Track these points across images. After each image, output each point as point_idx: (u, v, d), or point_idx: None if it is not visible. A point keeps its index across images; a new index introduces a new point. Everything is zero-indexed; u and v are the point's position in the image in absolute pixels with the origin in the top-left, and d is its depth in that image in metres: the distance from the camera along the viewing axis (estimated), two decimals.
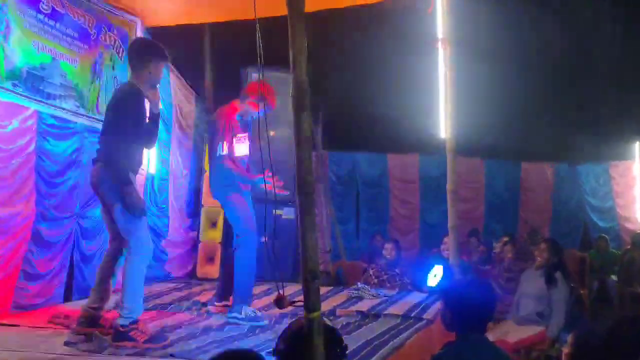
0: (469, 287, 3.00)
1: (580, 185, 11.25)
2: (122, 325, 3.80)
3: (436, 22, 5.84)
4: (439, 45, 5.90)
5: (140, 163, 4.24)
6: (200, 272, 6.88)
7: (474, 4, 6.83)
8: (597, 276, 9.40)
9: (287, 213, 6.62)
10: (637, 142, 11.35)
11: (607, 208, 11.35)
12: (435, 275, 6.26)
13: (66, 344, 3.74)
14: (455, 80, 5.89)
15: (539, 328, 5.63)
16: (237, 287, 4.65)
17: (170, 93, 6.78)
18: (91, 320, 3.91)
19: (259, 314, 4.58)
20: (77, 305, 5.01)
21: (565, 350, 3.29)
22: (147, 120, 4.10)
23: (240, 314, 4.50)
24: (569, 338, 3.29)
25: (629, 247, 10.42)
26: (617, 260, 9.86)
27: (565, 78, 10.98)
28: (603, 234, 10.42)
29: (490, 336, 3.06)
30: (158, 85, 4.25)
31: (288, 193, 4.99)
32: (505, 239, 8.10)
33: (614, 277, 9.51)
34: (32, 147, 4.99)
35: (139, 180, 5.04)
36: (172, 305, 5.11)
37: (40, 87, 5.03)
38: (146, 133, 4.11)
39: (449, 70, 5.88)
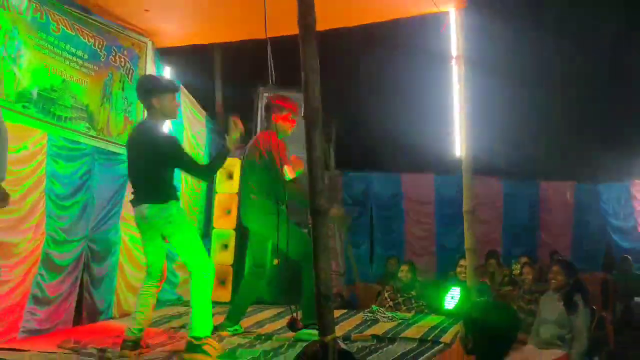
0: (489, 309, 2.98)
1: (601, 204, 11.18)
2: (195, 338, 3.97)
3: (450, 39, 5.87)
4: (453, 62, 5.92)
5: None
6: (214, 295, 6.86)
7: (489, 20, 6.86)
8: (621, 298, 9.31)
9: None
10: None
11: (629, 228, 11.26)
12: (452, 298, 6.22)
13: None
14: (471, 98, 5.90)
15: (561, 352, 5.58)
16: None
17: (181, 115, 6.82)
18: (136, 344, 4.12)
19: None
20: (86, 329, 5.07)
21: None
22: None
23: None
24: None
25: None
26: None
27: (584, 95, 10.97)
28: (626, 255, 10.34)
29: None
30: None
31: None
32: (524, 259, 8.05)
33: (638, 299, 9.42)
34: (42, 170, 5.02)
35: None
36: (183, 329, 5.12)
37: (51, 109, 5.08)
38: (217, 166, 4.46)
39: (463, 88, 5.90)
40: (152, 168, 4.12)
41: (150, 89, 4.18)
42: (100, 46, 5.65)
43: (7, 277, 4.58)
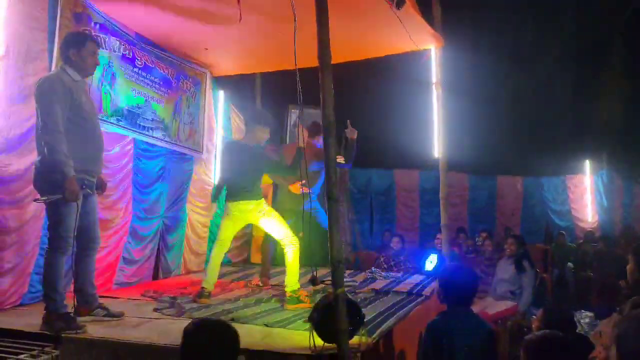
0: (457, 271, 2.98)
1: (543, 193, 11.10)
2: (293, 292, 4.12)
3: (431, 69, 5.84)
4: (433, 87, 5.89)
5: None
6: (253, 258, 6.92)
7: (460, 55, 6.80)
8: (557, 264, 9.23)
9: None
10: (587, 160, 11.20)
11: (564, 211, 11.18)
12: (431, 262, 6.21)
13: (155, 310, 3.81)
14: (446, 113, 5.87)
15: (512, 303, 5.57)
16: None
17: (231, 127, 6.85)
18: (210, 293, 4.25)
19: None
20: (162, 283, 5.13)
21: (535, 321, 3.25)
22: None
23: None
24: (539, 312, 3.25)
25: (581, 241, 10.23)
26: (573, 252, 9.68)
27: (531, 110, 10.89)
28: (562, 231, 10.26)
29: (474, 309, 3.03)
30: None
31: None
32: (484, 234, 8.00)
33: (570, 265, 9.33)
34: (129, 166, 5.06)
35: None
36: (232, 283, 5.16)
37: (137, 122, 5.11)
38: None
39: (440, 105, 5.87)
40: (257, 175, 4.34)
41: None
42: (172, 75, 5.67)
43: (105, 244, 4.64)
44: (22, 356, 2.79)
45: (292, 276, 4.17)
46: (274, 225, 4.32)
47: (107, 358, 2.93)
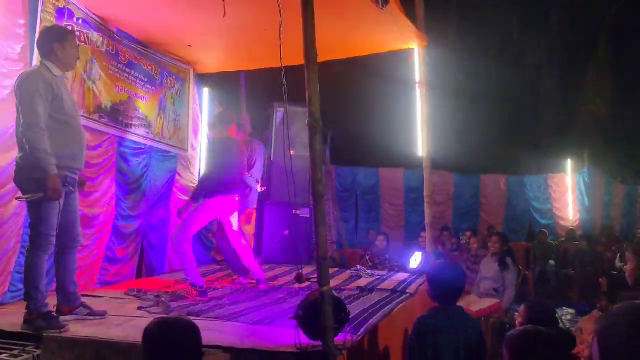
0: (445, 268, 3.01)
1: (526, 192, 11.22)
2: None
3: (414, 69, 5.88)
4: (417, 86, 5.93)
5: None
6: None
7: (444, 55, 6.87)
8: (538, 262, 9.36)
9: (303, 212, 6.62)
10: (568, 159, 11.35)
11: (546, 209, 11.32)
12: (415, 260, 6.26)
13: (139, 308, 3.78)
14: (430, 112, 5.91)
15: (495, 300, 5.63)
16: None
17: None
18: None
19: None
20: (145, 281, 5.08)
21: (518, 317, 3.30)
22: None
23: None
24: (521, 308, 3.30)
25: (563, 239, 10.40)
26: (554, 250, 9.83)
27: (514, 110, 11.02)
28: (543, 229, 10.40)
29: None
30: None
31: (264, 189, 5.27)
32: (468, 233, 8.09)
33: (552, 262, 9.47)
34: (113, 163, 5.02)
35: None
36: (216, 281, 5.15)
37: (120, 118, 5.06)
38: None
39: (424, 104, 5.91)
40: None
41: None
42: (155, 72, 5.62)
43: (87, 242, 4.59)
44: (2, 355, 2.75)
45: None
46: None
47: (89, 357, 2.90)
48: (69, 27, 4.25)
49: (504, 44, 11.12)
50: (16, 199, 3.26)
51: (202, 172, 5.96)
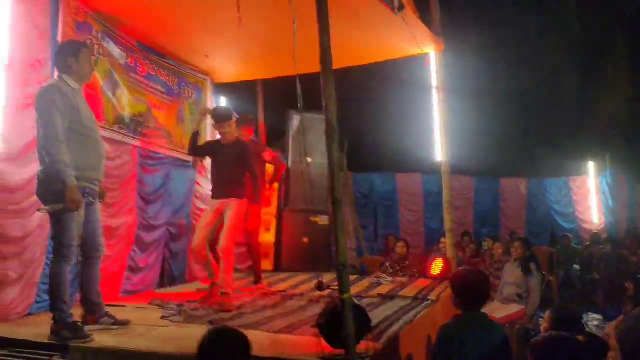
0: (471, 275, 2.96)
1: (547, 195, 11.07)
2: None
3: (432, 74, 5.86)
4: (434, 91, 5.91)
5: None
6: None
7: (461, 58, 6.83)
8: (562, 267, 9.20)
9: (322, 220, 6.62)
10: (590, 162, 11.18)
11: (568, 213, 11.14)
12: (436, 266, 6.19)
13: (162, 318, 3.80)
14: (447, 116, 5.88)
15: (519, 307, 5.53)
16: None
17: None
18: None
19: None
20: (169, 290, 5.11)
21: (543, 323, 3.23)
22: None
23: None
24: (546, 314, 3.23)
25: (588, 243, 10.20)
26: (578, 254, 9.65)
27: (536, 112, 10.91)
28: (567, 234, 10.22)
29: None
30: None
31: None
32: (488, 240, 8.00)
33: (576, 267, 9.30)
34: (133, 174, 5.07)
35: None
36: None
37: (139, 129, 5.13)
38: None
39: (442, 109, 5.88)
40: None
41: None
42: (173, 82, 5.69)
43: (110, 252, 4.63)
44: None
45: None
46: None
47: None
48: (88, 41, 4.35)
49: (521, 45, 11.01)
50: (38, 210, 3.32)
51: None
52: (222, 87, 6.61)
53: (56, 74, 3.39)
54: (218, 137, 4.57)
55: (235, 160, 4.38)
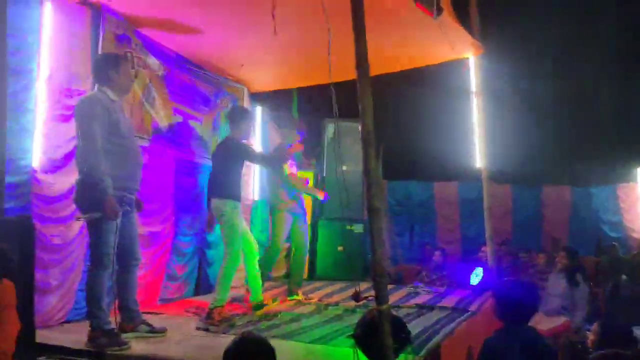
0: (517, 286, 2.82)
1: (593, 203, 10.65)
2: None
3: (470, 78, 5.72)
4: (473, 96, 5.77)
5: None
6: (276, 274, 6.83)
7: (501, 62, 6.64)
8: (610, 277, 8.80)
9: (357, 228, 6.54)
10: (639, 168, 10.71)
11: (615, 222, 10.67)
12: (477, 276, 6.01)
13: (197, 328, 3.79)
14: (486, 121, 5.72)
15: (564, 319, 5.31)
16: None
17: (269, 141, 6.86)
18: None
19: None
20: (205, 298, 5.12)
21: (591, 336, 3.06)
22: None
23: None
24: (594, 327, 3.06)
25: (636, 252, 9.75)
26: (627, 264, 9.22)
27: (577, 117, 10.53)
28: (614, 243, 9.80)
29: None
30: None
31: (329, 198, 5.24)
32: (524, 255, 7.76)
33: (624, 277, 8.88)
34: (170, 183, 5.12)
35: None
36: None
37: (176, 139, 5.18)
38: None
39: (481, 115, 5.73)
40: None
41: (241, 118, 4.33)
42: (210, 93, 5.74)
43: (148, 260, 4.69)
44: None
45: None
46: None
47: None
48: (128, 54, 4.43)
49: (564, 47, 10.66)
50: (75, 219, 3.38)
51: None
52: (258, 96, 6.63)
53: (96, 86, 3.46)
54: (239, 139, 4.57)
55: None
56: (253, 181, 6.39)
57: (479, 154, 5.79)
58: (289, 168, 4.97)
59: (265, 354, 1.93)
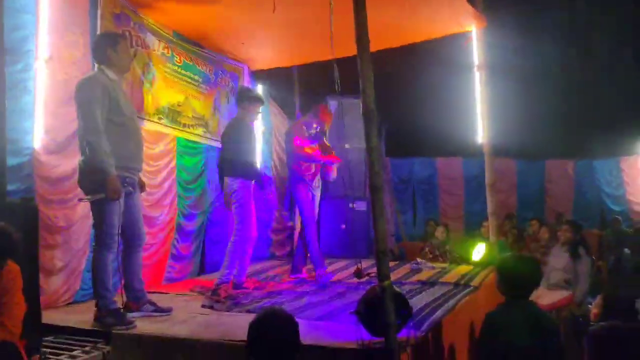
0: (519, 261, 2.82)
1: (596, 177, 10.61)
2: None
3: (473, 51, 5.63)
4: (475, 70, 5.69)
5: None
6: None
7: (504, 36, 6.54)
8: (613, 251, 8.81)
9: (359, 206, 6.52)
10: None
11: (618, 195, 10.65)
12: (478, 251, 6.01)
13: (202, 306, 3.83)
14: (489, 96, 5.66)
15: (567, 293, 5.31)
16: None
17: (270, 119, 6.84)
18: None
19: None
20: (210, 277, 5.17)
21: (594, 309, 3.07)
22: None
23: None
24: (597, 299, 3.06)
25: (638, 225, 9.74)
26: (629, 238, 9.21)
27: (581, 88, 10.42)
28: (617, 216, 9.78)
29: None
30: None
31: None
32: (535, 222, 7.72)
33: (627, 251, 8.89)
34: (173, 163, 5.12)
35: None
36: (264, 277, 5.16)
37: (178, 119, 5.16)
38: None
39: (483, 89, 5.66)
40: None
41: (248, 99, 4.24)
42: (210, 71, 5.69)
43: (152, 240, 4.72)
44: (75, 352, 2.85)
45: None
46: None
47: (155, 353, 2.96)
48: (126, 32, 4.37)
49: (568, 19, 10.47)
50: (79, 200, 3.38)
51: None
52: (259, 75, 6.57)
53: (96, 65, 3.43)
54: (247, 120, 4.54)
55: None
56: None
57: (481, 129, 5.73)
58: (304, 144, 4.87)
59: (290, 329, 1.96)
